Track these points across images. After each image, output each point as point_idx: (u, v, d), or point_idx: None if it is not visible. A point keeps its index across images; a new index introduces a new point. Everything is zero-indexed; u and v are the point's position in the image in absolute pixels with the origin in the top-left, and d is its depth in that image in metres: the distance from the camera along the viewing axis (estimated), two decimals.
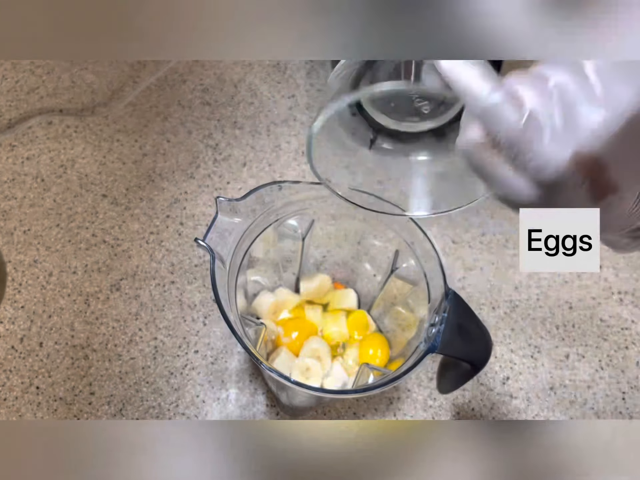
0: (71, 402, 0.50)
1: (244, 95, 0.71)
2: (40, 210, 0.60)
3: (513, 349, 0.56)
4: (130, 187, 0.62)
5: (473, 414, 0.52)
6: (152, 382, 0.51)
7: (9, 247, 0.57)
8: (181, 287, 0.56)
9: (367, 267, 0.51)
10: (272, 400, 0.51)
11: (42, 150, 0.64)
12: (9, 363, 0.51)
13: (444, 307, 0.36)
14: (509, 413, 0.53)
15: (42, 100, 0.68)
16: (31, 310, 0.54)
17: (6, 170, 0.62)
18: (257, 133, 0.68)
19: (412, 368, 0.35)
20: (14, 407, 0.49)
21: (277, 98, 0.71)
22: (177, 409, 0.50)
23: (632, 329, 0.58)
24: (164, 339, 0.53)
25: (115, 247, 0.58)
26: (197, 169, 0.64)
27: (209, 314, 0.55)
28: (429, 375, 0.54)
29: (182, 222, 0.60)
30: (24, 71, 0.70)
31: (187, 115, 0.69)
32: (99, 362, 0.52)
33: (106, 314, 0.54)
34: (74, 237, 0.58)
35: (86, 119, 0.67)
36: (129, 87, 0.70)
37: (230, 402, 0.51)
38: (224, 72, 0.73)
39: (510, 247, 0.62)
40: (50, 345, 0.52)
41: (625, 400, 0.54)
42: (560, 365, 0.55)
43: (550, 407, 0.53)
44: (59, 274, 0.56)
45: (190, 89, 0.71)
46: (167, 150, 0.65)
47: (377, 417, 0.52)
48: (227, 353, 0.53)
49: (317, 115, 0.28)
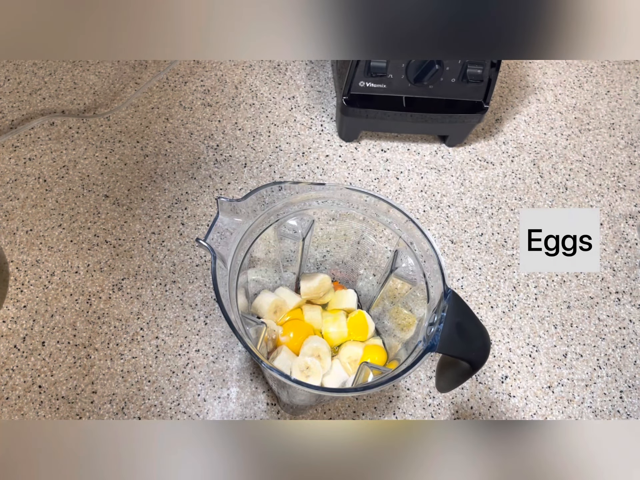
0: (73, 401, 0.50)
1: (244, 96, 0.72)
2: (43, 211, 0.60)
3: (511, 348, 0.56)
4: (132, 187, 0.63)
5: (472, 412, 0.53)
6: (153, 381, 0.52)
7: (11, 247, 0.57)
8: (182, 287, 0.57)
9: (367, 266, 0.51)
10: (273, 399, 0.52)
11: (44, 151, 0.64)
12: (11, 362, 0.52)
13: (443, 306, 0.36)
14: (507, 412, 0.53)
15: (44, 102, 0.68)
16: (33, 310, 0.54)
17: (9, 171, 0.62)
18: (257, 134, 0.68)
19: (412, 367, 0.35)
20: (17, 406, 0.50)
21: (278, 99, 0.72)
22: (178, 408, 0.51)
23: (630, 328, 0.59)
24: (165, 338, 0.54)
25: (117, 247, 0.58)
26: (198, 170, 0.65)
27: (210, 313, 0.56)
28: (428, 374, 0.54)
29: (183, 222, 0.61)
30: (26, 72, 0.71)
31: (189, 116, 0.69)
32: (100, 361, 0.52)
33: (108, 314, 0.55)
34: (76, 237, 0.59)
35: (88, 120, 0.67)
36: (131, 89, 0.71)
37: (232, 400, 0.51)
38: (225, 73, 0.74)
39: (509, 247, 0.63)
40: (52, 345, 0.53)
41: (622, 399, 0.54)
42: (558, 364, 0.56)
43: (548, 406, 0.54)
44: (61, 273, 0.56)
45: (191, 90, 0.71)
46: (169, 151, 0.66)
47: (376, 415, 0.52)
48: (228, 352, 0.54)
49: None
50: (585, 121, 0.75)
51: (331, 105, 0.72)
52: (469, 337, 0.36)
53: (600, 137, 0.74)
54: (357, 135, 0.69)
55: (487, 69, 0.60)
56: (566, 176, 0.70)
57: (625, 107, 0.77)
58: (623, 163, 0.72)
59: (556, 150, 0.72)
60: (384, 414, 0.52)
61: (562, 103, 0.77)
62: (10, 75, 0.70)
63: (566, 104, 0.77)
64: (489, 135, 0.72)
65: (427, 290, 0.41)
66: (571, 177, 0.70)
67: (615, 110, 0.77)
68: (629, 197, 0.69)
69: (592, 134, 0.74)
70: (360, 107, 0.64)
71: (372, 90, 0.62)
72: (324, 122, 0.70)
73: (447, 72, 0.60)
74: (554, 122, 0.75)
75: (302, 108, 0.71)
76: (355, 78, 0.61)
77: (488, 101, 0.63)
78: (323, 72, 0.75)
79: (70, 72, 0.71)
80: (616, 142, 0.73)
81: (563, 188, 0.68)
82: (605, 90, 0.79)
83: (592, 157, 0.72)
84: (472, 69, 0.60)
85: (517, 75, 0.79)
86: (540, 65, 0.80)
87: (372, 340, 0.49)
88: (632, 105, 0.78)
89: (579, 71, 0.80)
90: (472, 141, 0.71)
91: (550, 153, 0.71)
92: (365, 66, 0.60)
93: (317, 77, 0.75)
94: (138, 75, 0.72)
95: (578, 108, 0.76)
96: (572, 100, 0.77)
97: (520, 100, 0.76)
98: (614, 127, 0.75)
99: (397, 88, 0.62)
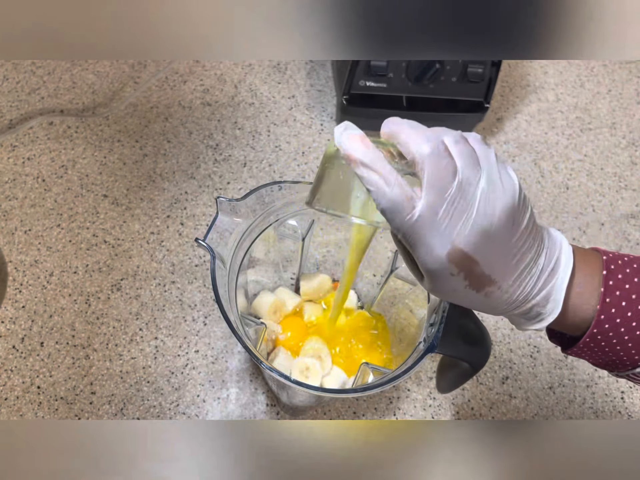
0: (72, 401, 0.50)
1: (244, 95, 0.71)
2: (41, 211, 0.60)
3: (512, 348, 0.56)
4: (131, 187, 0.62)
5: (472, 413, 0.52)
6: (152, 381, 0.51)
7: (10, 247, 0.57)
8: (182, 287, 0.56)
9: (367, 267, 0.51)
10: (273, 400, 0.52)
11: (43, 150, 0.64)
12: (10, 363, 0.51)
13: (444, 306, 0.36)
14: (509, 412, 0.53)
15: (43, 101, 0.68)
16: (32, 310, 0.54)
17: (7, 171, 0.62)
18: (257, 133, 0.68)
19: (412, 367, 0.35)
20: (15, 407, 0.49)
21: (277, 98, 0.71)
22: (177, 409, 0.50)
23: None
24: (164, 338, 0.54)
25: (115, 247, 0.58)
26: (198, 169, 0.64)
27: (210, 313, 0.55)
28: (428, 374, 0.54)
29: (182, 222, 0.61)
30: (25, 72, 0.70)
31: (188, 115, 0.69)
32: (99, 362, 0.52)
33: (107, 314, 0.54)
34: (75, 237, 0.59)
35: (87, 119, 0.67)
36: (130, 88, 0.70)
37: (231, 401, 0.51)
38: (225, 72, 0.73)
39: None
40: (51, 345, 0.52)
41: (624, 400, 0.54)
42: (559, 364, 0.56)
43: (549, 407, 0.53)
44: (59, 274, 0.56)
45: (190, 90, 0.71)
46: (168, 151, 0.66)
47: (377, 416, 0.52)
48: (227, 353, 0.53)
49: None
50: (586, 121, 0.75)
51: (331, 105, 0.72)
52: (470, 337, 0.36)
53: (602, 136, 0.73)
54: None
55: (488, 68, 0.60)
56: (567, 176, 0.69)
57: (627, 107, 0.77)
58: (624, 163, 0.71)
59: (557, 149, 0.72)
60: (384, 414, 0.52)
61: (563, 102, 0.76)
62: (9, 75, 0.70)
63: (567, 103, 0.76)
64: (490, 134, 0.72)
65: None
66: (572, 176, 0.69)
67: (616, 109, 0.76)
68: (630, 196, 0.68)
69: (594, 133, 0.74)
70: (361, 106, 0.64)
71: (373, 89, 0.62)
72: (324, 121, 0.70)
73: (448, 71, 0.60)
74: (555, 121, 0.74)
75: (302, 107, 0.71)
76: (355, 77, 0.61)
77: (489, 100, 0.63)
78: (323, 71, 0.75)
79: (69, 71, 0.71)
80: (617, 142, 0.73)
81: (564, 188, 0.68)
82: (606, 89, 0.79)
83: (594, 157, 0.71)
84: (472, 68, 0.59)
85: (517, 75, 0.79)
86: (541, 65, 0.80)
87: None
88: (634, 104, 0.77)
89: (580, 70, 0.80)
90: None
91: (551, 152, 0.71)
92: (366, 65, 0.59)
93: (317, 76, 0.74)
94: (137, 75, 0.72)
95: (579, 107, 0.76)
96: (574, 99, 0.77)
97: (521, 100, 0.76)
98: (615, 127, 0.75)
99: (397, 87, 0.62)
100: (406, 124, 0.27)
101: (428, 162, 0.25)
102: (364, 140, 0.26)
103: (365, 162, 0.26)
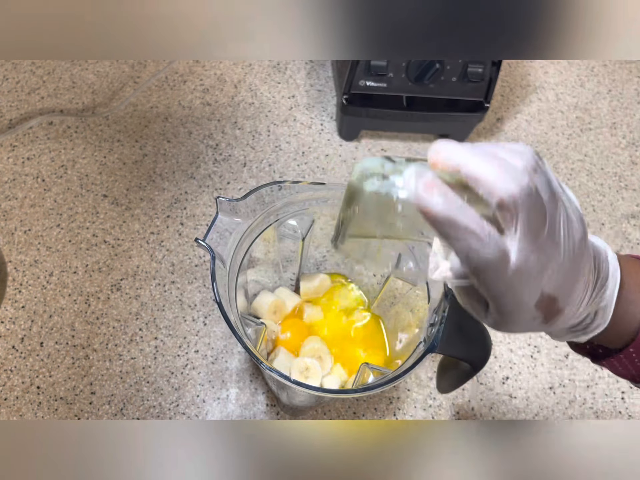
0: (72, 401, 0.50)
1: (244, 95, 0.71)
2: (41, 211, 0.60)
3: (512, 348, 0.56)
4: (131, 187, 0.62)
5: (473, 413, 0.52)
6: (152, 381, 0.51)
7: (9, 247, 0.57)
8: (181, 287, 0.56)
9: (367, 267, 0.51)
10: (273, 400, 0.52)
11: (42, 150, 0.64)
12: (9, 363, 0.51)
13: (444, 307, 0.36)
14: (509, 412, 0.53)
15: (42, 101, 0.68)
16: (32, 310, 0.54)
17: (7, 171, 0.62)
18: (257, 133, 0.68)
19: (412, 367, 0.35)
20: (15, 407, 0.49)
21: (277, 98, 0.71)
22: (177, 409, 0.50)
23: None
24: (164, 338, 0.54)
25: (115, 247, 0.58)
26: (198, 169, 0.64)
27: (209, 313, 0.55)
28: (428, 374, 0.54)
29: (182, 222, 0.60)
30: (24, 72, 0.70)
31: (188, 115, 0.69)
32: (99, 362, 0.52)
33: (107, 314, 0.54)
34: (75, 237, 0.58)
35: (87, 119, 0.67)
36: (130, 88, 0.70)
37: (231, 401, 0.51)
38: (224, 72, 0.73)
39: None
40: (50, 345, 0.52)
41: (624, 400, 0.54)
42: (560, 365, 0.56)
43: (549, 407, 0.53)
44: (59, 274, 0.56)
45: (190, 90, 0.71)
46: (168, 151, 0.66)
47: (377, 416, 0.52)
48: (227, 353, 0.53)
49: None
50: (586, 120, 0.75)
51: (331, 104, 0.72)
52: (470, 337, 0.36)
53: (602, 136, 0.73)
54: (357, 134, 0.69)
55: (488, 68, 0.60)
56: (567, 176, 0.69)
57: (627, 107, 0.77)
58: (625, 162, 0.71)
59: (557, 149, 0.72)
60: (384, 415, 0.52)
61: (563, 102, 0.76)
62: (9, 75, 0.70)
63: (567, 103, 0.76)
64: (490, 134, 0.72)
65: (428, 291, 0.41)
66: (572, 176, 0.69)
67: (616, 109, 0.76)
68: (630, 196, 0.68)
69: (594, 133, 0.74)
70: (361, 106, 0.63)
71: (373, 89, 0.62)
72: (324, 121, 0.70)
73: (448, 71, 0.60)
74: (555, 121, 0.74)
75: (301, 107, 0.71)
76: (355, 77, 0.61)
77: (489, 100, 0.63)
78: (323, 71, 0.75)
79: (68, 71, 0.71)
80: (618, 142, 0.73)
81: None
82: (606, 89, 0.79)
83: (594, 157, 0.71)
84: (472, 68, 0.59)
85: (518, 74, 0.79)
86: (542, 64, 0.80)
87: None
88: (634, 104, 0.77)
89: (581, 70, 0.80)
90: (473, 140, 0.71)
91: (551, 152, 0.71)
92: (366, 65, 0.59)
93: (317, 76, 0.74)
94: (137, 75, 0.72)
95: (579, 107, 0.76)
96: (574, 99, 0.77)
97: (521, 100, 0.76)
98: (615, 127, 0.75)
99: (397, 87, 0.62)
100: (470, 151, 0.22)
101: (522, 208, 0.21)
102: (442, 188, 0.22)
103: (454, 219, 0.21)
